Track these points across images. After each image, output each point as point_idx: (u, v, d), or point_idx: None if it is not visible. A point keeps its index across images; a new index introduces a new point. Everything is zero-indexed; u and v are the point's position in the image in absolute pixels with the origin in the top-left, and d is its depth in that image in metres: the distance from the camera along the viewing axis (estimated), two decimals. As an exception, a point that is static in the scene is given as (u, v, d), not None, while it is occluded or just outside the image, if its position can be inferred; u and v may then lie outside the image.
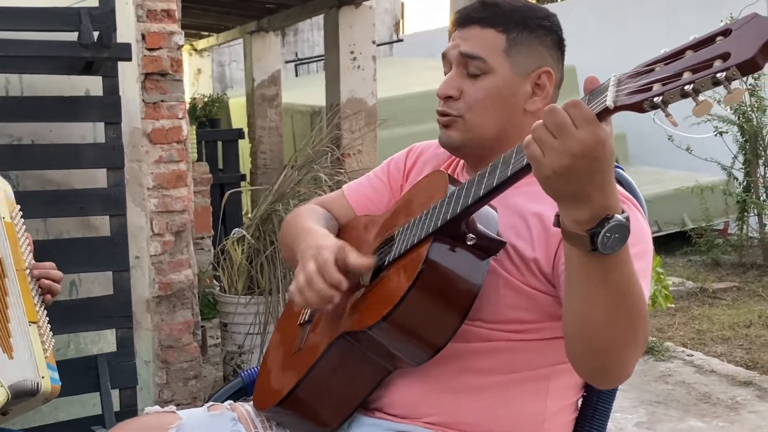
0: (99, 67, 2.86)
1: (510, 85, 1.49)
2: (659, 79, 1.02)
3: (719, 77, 0.96)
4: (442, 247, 1.34)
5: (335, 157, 4.93)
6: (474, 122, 1.50)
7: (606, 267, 1.14)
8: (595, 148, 1.06)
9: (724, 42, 1.00)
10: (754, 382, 4.10)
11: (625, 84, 1.06)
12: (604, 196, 1.10)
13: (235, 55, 14.07)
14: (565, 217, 1.13)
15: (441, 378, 1.45)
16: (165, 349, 3.28)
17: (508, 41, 1.48)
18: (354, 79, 6.66)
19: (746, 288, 6.22)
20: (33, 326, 1.83)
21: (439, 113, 1.54)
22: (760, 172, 6.91)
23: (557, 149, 1.07)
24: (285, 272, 3.89)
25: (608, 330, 1.19)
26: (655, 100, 1.01)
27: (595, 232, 1.10)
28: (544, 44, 1.52)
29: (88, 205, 2.90)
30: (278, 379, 1.60)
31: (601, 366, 1.26)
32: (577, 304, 1.21)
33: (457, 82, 1.51)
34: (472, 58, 1.49)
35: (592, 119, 1.06)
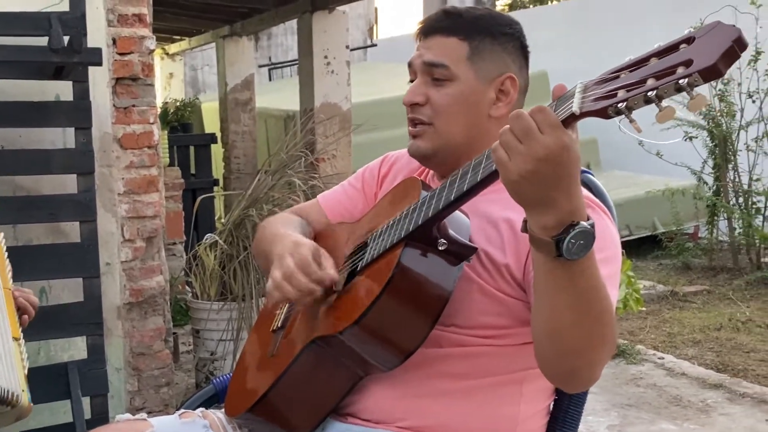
0: (69, 71, 2.83)
1: (474, 91, 1.51)
2: (624, 86, 1.04)
3: (682, 83, 0.98)
4: (413, 252, 1.35)
5: (309, 162, 4.93)
6: (443, 129, 1.51)
7: (572, 272, 1.16)
8: (559, 153, 1.08)
9: (687, 49, 1.01)
10: (725, 385, 4.14)
11: (591, 90, 1.08)
12: (569, 202, 1.11)
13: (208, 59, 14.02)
14: (532, 223, 1.15)
15: (415, 383, 1.46)
16: (136, 356, 3.25)
17: (471, 49, 1.50)
18: (328, 83, 6.66)
19: (716, 291, 6.28)
20: (16, 342, 1.82)
21: (410, 122, 1.55)
22: (729, 176, 6.98)
23: (523, 153, 1.09)
24: (258, 278, 3.87)
25: (575, 334, 1.20)
26: (619, 106, 1.03)
27: (561, 238, 1.12)
28: (507, 51, 1.53)
29: (58, 211, 2.87)
30: (250, 385, 1.60)
31: (569, 369, 1.27)
32: (545, 308, 1.22)
33: (422, 89, 1.53)
34: (436, 66, 1.51)
35: (556, 124, 1.08)
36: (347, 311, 1.38)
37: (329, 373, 1.47)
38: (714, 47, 0.98)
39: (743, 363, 4.54)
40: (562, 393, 1.59)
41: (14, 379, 1.75)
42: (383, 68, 10.72)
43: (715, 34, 1.00)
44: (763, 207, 6.87)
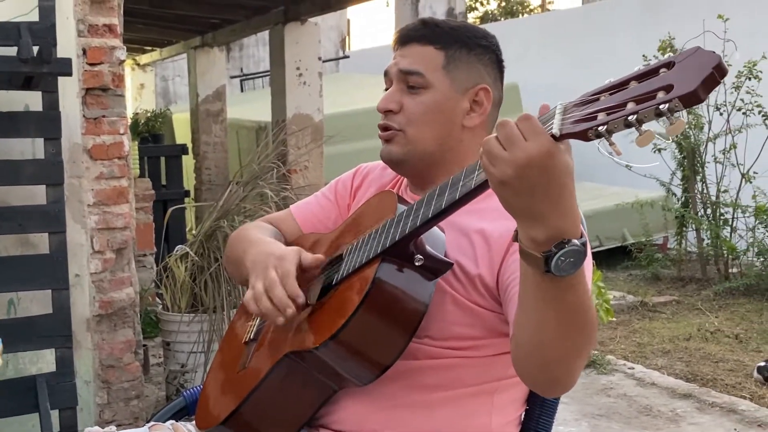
0: (39, 81, 2.82)
1: (448, 100, 1.52)
2: (604, 109, 1.03)
3: (662, 108, 0.97)
4: (390, 267, 1.34)
5: (281, 173, 4.92)
6: (414, 136, 1.52)
7: (560, 287, 1.15)
8: (542, 160, 1.06)
9: (667, 74, 1.01)
10: (694, 395, 4.18)
11: (571, 112, 1.08)
12: (560, 218, 1.10)
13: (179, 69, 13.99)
14: (522, 235, 1.13)
15: (388, 394, 1.45)
16: (106, 368, 3.22)
17: (447, 58, 1.51)
18: (300, 95, 6.66)
19: (685, 302, 6.35)
20: None
21: (381, 127, 1.56)
22: (697, 188, 7.06)
23: (505, 159, 1.08)
24: (230, 289, 3.86)
25: (560, 344, 1.20)
26: (599, 129, 1.02)
27: (550, 254, 1.10)
28: (482, 62, 1.55)
29: (27, 222, 2.85)
30: (222, 398, 1.59)
31: (552, 377, 1.27)
32: (531, 320, 1.22)
33: (396, 97, 1.53)
34: (411, 73, 1.52)
35: (541, 132, 1.07)
36: (323, 325, 1.37)
37: (303, 387, 1.46)
38: (694, 73, 0.98)
39: (712, 373, 4.59)
40: (533, 403, 1.59)
41: None
42: (355, 79, 10.75)
43: (695, 60, 1.00)
44: (731, 218, 6.95)
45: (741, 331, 5.45)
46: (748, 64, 6.56)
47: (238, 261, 1.63)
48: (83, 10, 3.09)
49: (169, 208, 5.45)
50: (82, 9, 3.09)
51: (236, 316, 1.81)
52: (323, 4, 6.30)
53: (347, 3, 6.25)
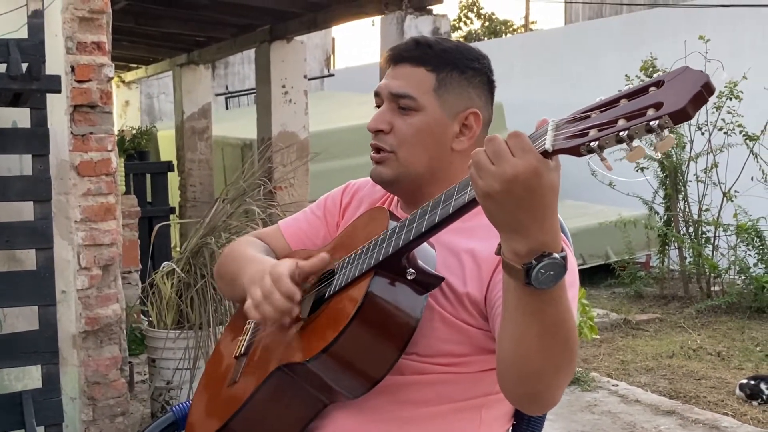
0: (27, 98, 2.82)
1: (438, 123, 1.52)
2: (595, 125, 1.05)
3: (652, 125, 0.99)
4: (383, 280, 1.36)
5: (267, 190, 4.93)
6: (405, 158, 1.53)
7: (541, 300, 1.16)
8: (528, 177, 1.08)
9: (657, 92, 1.03)
10: (677, 411, 4.20)
11: (563, 129, 1.10)
12: (542, 232, 1.12)
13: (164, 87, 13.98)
14: (505, 247, 1.15)
15: (376, 409, 1.46)
16: (92, 385, 3.21)
17: (438, 81, 1.52)
18: (286, 112, 6.69)
19: (668, 319, 6.38)
20: None
21: (373, 148, 1.56)
22: (679, 206, 7.11)
23: (492, 173, 1.10)
24: (216, 306, 3.85)
25: (540, 358, 1.22)
26: (591, 145, 1.04)
27: (530, 266, 1.12)
28: (473, 85, 1.56)
29: (13, 239, 2.84)
30: (211, 413, 1.59)
31: (531, 392, 1.28)
32: (513, 332, 1.23)
33: (387, 116, 1.54)
34: (402, 96, 1.52)
35: (529, 149, 1.09)
36: (314, 339, 1.38)
37: (293, 400, 1.47)
38: (683, 91, 1.00)
39: (695, 390, 4.61)
40: (520, 419, 1.60)
41: None
42: (340, 97, 10.79)
43: (684, 79, 1.02)
44: (713, 237, 7.00)
45: (723, 348, 5.49)
46: (729, 85, 6.63)
47: (232, 279, 1.64)
48: (72, 28, 3.10)
49: (155, 225, 5.44)
50: (70, 26, 3.09)
51: (225, 332, 1.81)
52: (309, 23, 6.33)
53: (333, 22, 6.28)
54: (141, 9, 6.14)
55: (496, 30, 26.23)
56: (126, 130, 9.75)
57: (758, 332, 5.92)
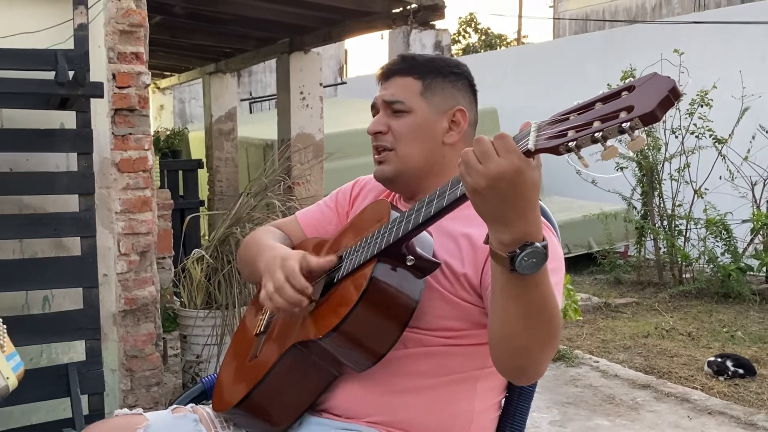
0: (73, 103, 2.82)
1: (429, 121, 1.55)
2: (573, 127, 1.05)
3: (624, 126, 0.99)
4: (385, 266, 1.36)
5: (287, 186, 4.93)
6: (404, 153, 1.55)
7: (525, 285, 1.17)
8: (512, 175, 1.09)
9: (628, 96, 1.03)
10: (652, 385, 4.20)
11: (544, 130, 1.10)
12: (525, 224, 1.12)
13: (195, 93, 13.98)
14: (492, 237, 1.16)
15: (381, 381, 1.46)
16: (130, 358, 3.22)
17: (424, 86, 1.55)
18: (303, 116, 6.68)
19: (644, 303, 6.37)
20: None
21: (375, 149, 1.59)
22: (655, 202, 7.10)
23: (480, 171, 1.10)
24: (240, 288, 3.86)
25: (525, 336, 1.22)
26: (569, 145, 1.04)
27: (514, 254, 1.13)
28: (456, 87, 1.58)
29: (61, 228, 2.85)
30: (235, 384, 1.60)
31: (519, 365, 1.28)
32: (500, 313, 1.24)
33: (384, 120, 1.57)
34: (394, 102, 1.55)
35: (512, 150, 1.09)
36: (326, 319, 1.39)
37: (307, 373, 1.48)
38: (652, 96, 1.00)
39: (668, 366, 4.61)
40: (512, 390, 1.61)
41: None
42: (351, 103, 10.78)
43: (652, 84, 1.02)
44: (685, 229, 6.99)
45: (693, 329, 5.48)
46: (700, 93, 6.61)
47: (251, 263, 1.65)
48: (113, 40, 3.10)
49: (187, 216, 5.45)
50: (112, 38, 3.09)
51: (247, 312, 1.82)
52: (324, 36, 6.32)
53: (346, 35, 6.27)
54: (174, 23, 6.13)
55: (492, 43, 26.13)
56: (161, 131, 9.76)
57: (725, 315, 5.91)
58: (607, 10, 19.77)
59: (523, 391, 1.61)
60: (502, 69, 11.45)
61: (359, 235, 1.49)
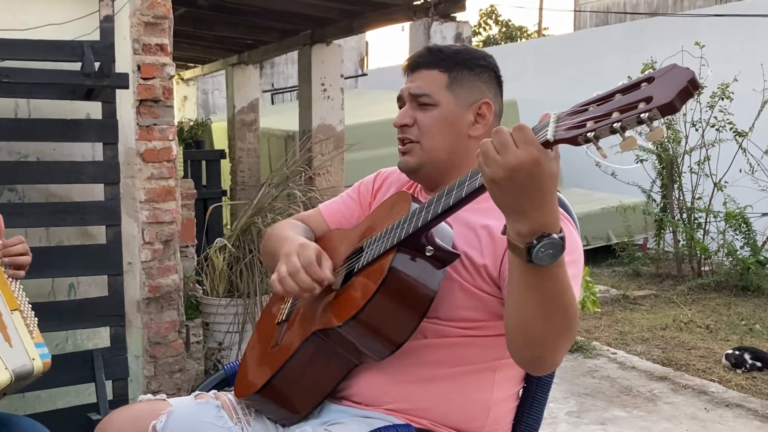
0: (99, 93, 2.84)
1: (454, 114, 1.54)
2: (592, 118, 1.05)
3: (643, 117, 0.99)
4: (404, 257, 1.36)
5: (308, 176, 4.95)
6: (428, 146, 1.54)
7: (541, 276, 1.16)
8: (530, 166, 1.08)
9: (647, 87, 1.02)
10: (669, 377, 4.17)
11: (563, 121, 1.09)
12: (542, 215, 1.12)
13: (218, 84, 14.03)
14: (509, 228, 1.16)
15: (401, 370, 1.47)
16: (153, 345, 3.25)
17: (450, 79, 1.54)
18: (324, 107, 6.68)
19: (662, 296, 6.32)
20: (16, 313, 1.77)
21: (400, 141, 1.58)
22: (675, 194, 7.04)
23: (498, 162, 1.10)
24: (262, 277, 3.88)
25: (541, 326, 1.21)
26: (588, 136, 1.04)
27: (531, 245, 1.12)
28: (482, 80, 1.57)
29: (86, 216, 2.87)
30: (257, 371, 1.61)
31: (534, 356, 1.28)
32: (516, 303, 1.23)
33: (410, 113, 1.56)
34: (421, 95, 1.54)
35: (531, 141, 1.08)
36: (346, 307, 1.39)
37: (327, 361, 1.48)
38: (671, 86, 0.99)
39: (685, 359, 4.58)
40: (530, 381, 1.61)
41: (22, 352, 1.71)
42: (372, 95, 10.76)
43: (672, 75, 1.01)
44: (704, 222, 6.93)
45: (711, 322, 5.43)
46: (721, 86, 6.54)
47: (273, 254, 1.66)
48: (138, 31, 3.11)
49: (209, 206, 5.48)
50: (137, 30, 3.11)
51: (270, 301, 1.84)
52: (345, 28, 6.32)
53: (367, 27, 6.25)
54: (198, 15, 6.14)
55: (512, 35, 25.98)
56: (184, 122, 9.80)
57: (743, 308, 5.86)
58: (628, 3, 19.58)
59: (540, 382, 1.61)
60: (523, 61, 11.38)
61: (380, 226, 1.49)
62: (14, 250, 1.84)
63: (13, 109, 2.90)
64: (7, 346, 1.69)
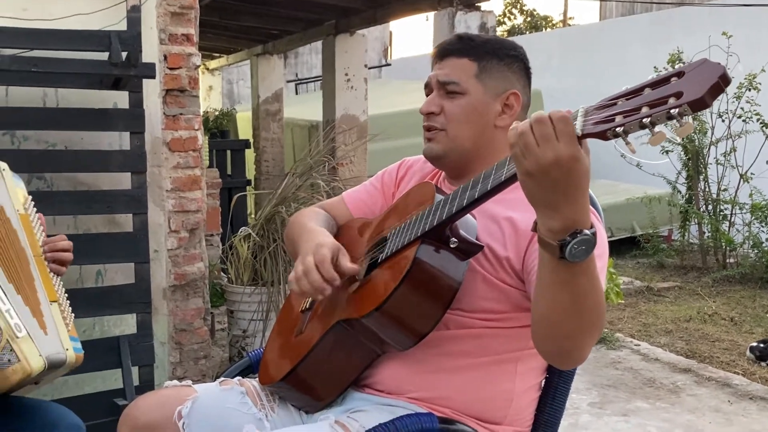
0: (126, 83, 2.86)
1: (482, 103, 1.53)
2: (621, 112, 1.03)
3: (673, 113, 0.98)
4: (428, 248, 1.36)
5: (331, 166, 4.95)
6: (454, 134, 1.53)
7: (572, 272, 1.15)
8: (569, 163, 1.07)
9: (678, 82, 1.01)
10: (693, 369, 4.14)
11: (592, 115, 1.08)
12: (575, 211, 1.10)
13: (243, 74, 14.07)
14: (541, 224, 1.14)
15: (423, 359, 1.47)
16: (179, 332, 3.28)
17: (479, 68, 1.53)
18: (348, 97, 6.68)
19: (687, 287, 6.27)
20: (54, 305, 1.80)
21: (425, 128, 1.57)
22: (700, 186, 6.97)
23: (536, 154, 1.08)
24: (285, 266, 3.89)
25: (569, 321, 1.21)
26: (617, 130, 1.02)
27: (564, 242, 1.11)
28: (512, 70, 1.55)
29: (114, 204, 2.89)
30: (281, 359, 1.62)
31: (561, 350, 1.27)
32: (546, 299, 1.22)
33: (437, 101, 1.55)
34: (449, 83, 1.53)
35: (573, 137, 1.07)
36: (369, 298, 1.40)
37: (351, 350, 1.49)
38: (702, 82, 0.98)
39: (709, 351, 4.54)
40: (552, 372, 1.60)
41: (56, 342, 1.74)
42: (396, 85, 10.73)
43: (702, 70, 1.00)
44: (730, 214, 6.85)
45: (736, 314, 5.38)
46: (748, 77, 6.45)
47: (294, 242, 1.67)
48: (165, 21, 3.13)
49: (234, 195, 5.51)
50: (163, 20, 3.13)
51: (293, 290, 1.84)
52: (370, 18, 6.30)
53: (391, 17, 6.23)
54: (223, 5, 6.16)
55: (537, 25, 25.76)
56: (210, 111, 9.85)
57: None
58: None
59: (563, 373, 1.60)
60: (548, 51, 11.29)
61: (403, 216, 1.49)
62: (59, 245, 1.91)
63: (41, 98, 2.93)
64: (42, 333, 1.71)
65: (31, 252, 1.82)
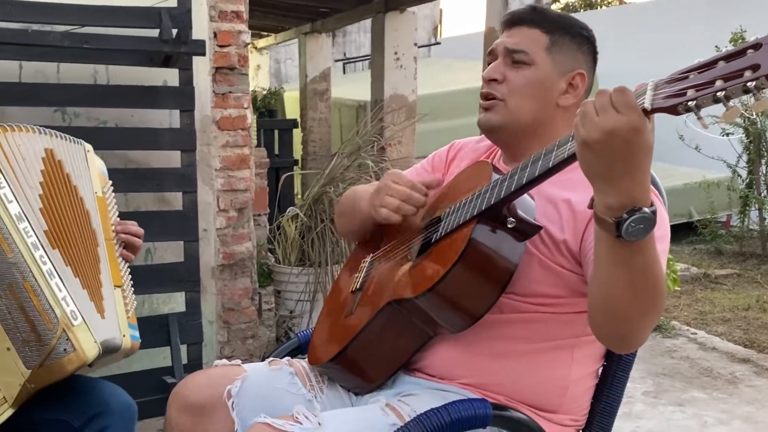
0: (176, 60, 2.87)
1: (548, 78, 1.49)
2: (693, 86, 1.01)
3: (749, 86, 0.94)
4: (484, 228, 1.34)
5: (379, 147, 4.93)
6: (514, 106, 1.50)
7: (630, 251, 1.13)
8: (628, 132, 1.05)
9: (754, 54, 0.98)
10: (752, 360, 4.05)
11: (662, 89, 1.05)
12: (633, 185, 1.08)
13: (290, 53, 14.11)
14: (598, 201, 1.12)
15: (476, 344, 1.45)
16: (226, 311, 3.31)
17: (551, 41, 1.50)
18: (396, 77, 6.65)
19: (746, 275, 6.13)
20: (117, 290, 1.81)
21: (483, 96, 1.54)
22: (762, 170, 6.79)
23: (595, 123, 1.07)
24: (333, 247, 3.90)
25: (627, 303, 1.18)
26: (689, 104, 1.00)
27: (621, 220, 1.09)
28: (582, 50, 1.53)
29: (163, 182, 2.91)
30: (330, 339, 1.62)
31: (619, 333, 1.24)
32: (602, 279, 1.20)
33: (501, 68, 1.52)
34: (517, 52, 1.50)
35: (632, 106, 1.05)
36: (423, 278, 1.38)
37: (402, 332, 1.48)
38: None
39: (769, 341, 4.44)
40: (610, 359, 1.57)
41: (114, 327, 1.74)
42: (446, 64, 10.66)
43: None
44: (792, 199, 6.68)
45: (798, 304, 5.25)
46: (816, 56, 6.24)
47: (348, 212, 1.68)
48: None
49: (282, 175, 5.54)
50: (213, -3, 3.14)
51: (343, 269, 1.84)
52: (420, -5, 6.26)
53: (442, -6, 6.17)
54: (273, -18, 6.18)
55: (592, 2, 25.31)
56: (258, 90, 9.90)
57: (833, 290, 5.63)
58: (716, -32, 18.83)
59: (621, 360, 1.58)
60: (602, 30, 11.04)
61: (458, 196, 1.47)
62: (132, 230, 1.92)
63: (92, 75, 2.97)
64: (99, 317, 1.70)
65: (103, 236, 1.82)
